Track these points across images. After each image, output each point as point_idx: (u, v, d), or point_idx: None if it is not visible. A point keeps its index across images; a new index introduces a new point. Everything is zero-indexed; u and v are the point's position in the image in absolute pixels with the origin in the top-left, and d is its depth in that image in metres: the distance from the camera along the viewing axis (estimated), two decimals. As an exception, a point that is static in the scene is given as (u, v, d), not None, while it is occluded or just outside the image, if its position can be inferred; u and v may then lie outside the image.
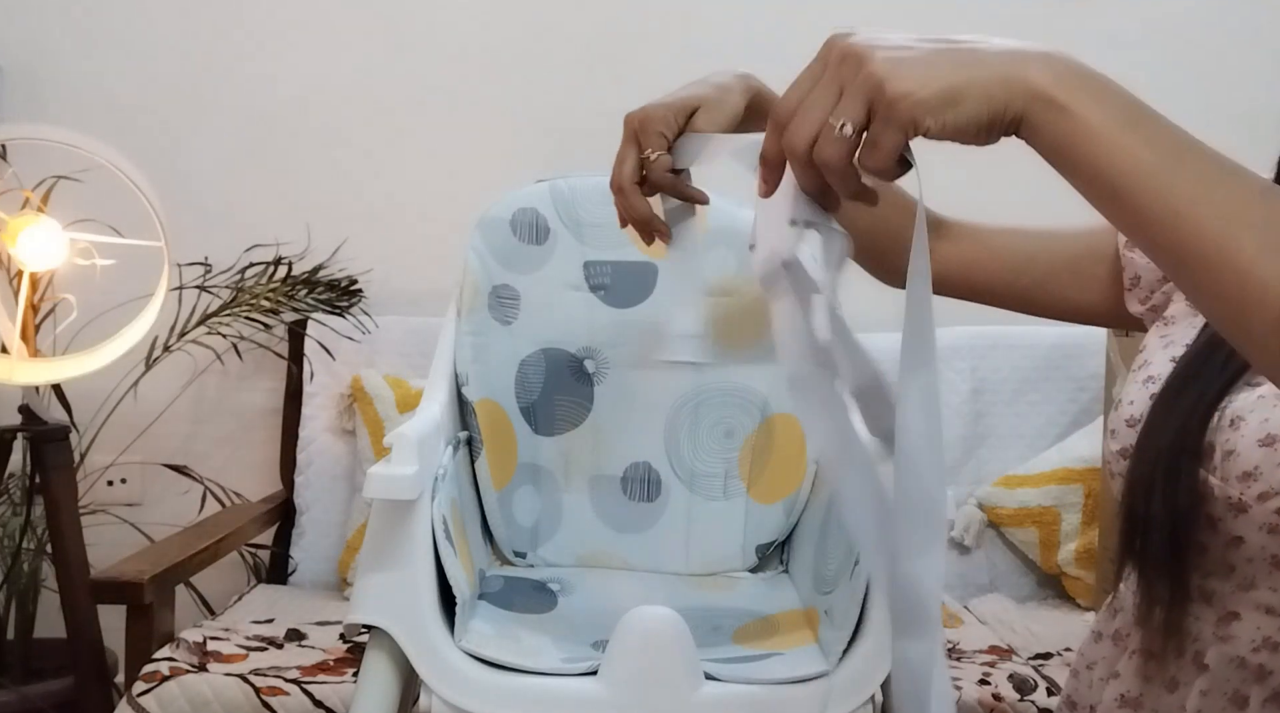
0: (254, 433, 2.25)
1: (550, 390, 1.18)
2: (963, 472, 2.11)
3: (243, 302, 2.11)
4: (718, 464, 1.19)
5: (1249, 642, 0.76)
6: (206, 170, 2.24)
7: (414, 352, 2.14)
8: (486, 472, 1.15)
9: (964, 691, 1.46)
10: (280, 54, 2.26)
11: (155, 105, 2.24)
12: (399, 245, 2.24)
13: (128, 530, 2.11)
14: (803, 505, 1.17)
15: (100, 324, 1.86)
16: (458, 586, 0.91)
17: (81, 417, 2.04)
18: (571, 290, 1.19)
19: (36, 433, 1.74)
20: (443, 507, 0.93)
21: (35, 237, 1.73)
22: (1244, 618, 0.76)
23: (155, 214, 1.68)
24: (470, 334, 1.15)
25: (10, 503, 2.02)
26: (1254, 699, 0.75)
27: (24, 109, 2.18)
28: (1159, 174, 0.53)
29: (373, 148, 2.27)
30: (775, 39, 2.29)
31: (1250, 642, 0.76)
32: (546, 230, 1.19)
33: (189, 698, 1.41)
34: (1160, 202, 0.53)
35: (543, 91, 2.25)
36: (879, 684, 0.89)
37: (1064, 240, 0.95)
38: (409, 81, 2.26)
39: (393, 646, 0.88)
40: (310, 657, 1.59)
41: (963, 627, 1.84)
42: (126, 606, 1.49)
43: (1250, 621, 0.76)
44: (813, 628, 1.00)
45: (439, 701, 0.87)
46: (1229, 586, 0.77)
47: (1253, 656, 0.75)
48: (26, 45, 2.21)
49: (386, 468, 0.87)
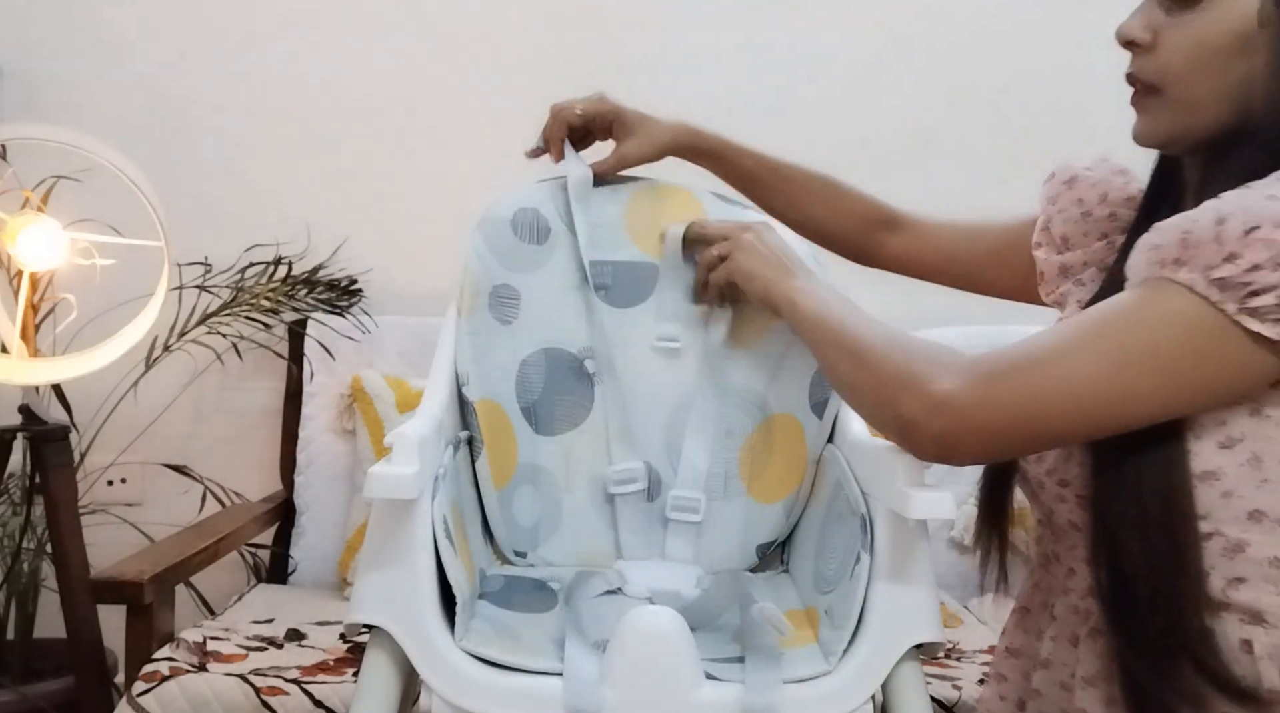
0: (254, 433, 2.25)
1: (551, 390, 1.18)
2: (963, 472, 2.10)
3: (243, 302, 2.11)
4: (718, 464, 1.19)
5: (1080, 591, 0.91)
6: (206, 170, 2.24)
7: (414, 352, 2.14)
8: (487, 471, 1.14)
9: (964, 691, 1.46)
10: (280, 54, 2.26)
11: (155, 105, 2.24)
12: (399, 245, 2.24)
13: (128, 531, 2.11)
14: (803, 505, 1.17)
15: (100, 324, 1.86)
16: (458, 585, 0.91)
17: (81, 417, 2.04)
18: (572, 290, 1.19)
19: (36, 433, 1.74)
20: (443, 506, 0.93)
21: (35, 237, 1.73)
22: (1077, 572, 0.91)
23: (155, 214, 1.68)
24: (470, 334, 1.15)
25: (10, 503, 2.02)
26: (1081, 637, 0.89)
27: (23, 109, 2.18)
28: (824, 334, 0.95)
29: (373, 148, 2.27)
30: (775, 40, 2.29)
31: (1080, 591, 0.91)
32: (547, 230, 1.19)
33: (189, 698, 1.41)
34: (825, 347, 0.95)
35: (543, 92, 2.24)
36: (879, 684, 0.89)
37: (990, 233, 1.15)
38: (409, 81, 2.26)
39: (393, 645, 0.88)
40: (310, 657, 1.59)
41: (962, 627, 1.84)
42: (126, 606, 1.49)
43: (1082, 574, 0.90)
44: (813, 628, 1.00)
45: (439, 700, 0.87)
46: (1063, 547, 0.93)
47: (1081, 602, 0.91)
48: (26, 45, 2.21)
49: (387, 468, 0.87)
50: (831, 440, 1.16)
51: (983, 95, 2.29)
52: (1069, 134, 2.20)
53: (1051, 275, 1.03)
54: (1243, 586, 0.79)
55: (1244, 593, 0.79)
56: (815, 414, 1.16)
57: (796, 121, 2.26)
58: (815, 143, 2.29)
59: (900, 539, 0.92)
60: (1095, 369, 0.76)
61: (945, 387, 0.78)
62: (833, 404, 1.16)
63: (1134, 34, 0.88)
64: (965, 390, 0.78)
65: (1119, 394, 0.76)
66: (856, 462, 1.06)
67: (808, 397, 1.17)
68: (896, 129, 2.30)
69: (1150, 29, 0.87)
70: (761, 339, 1.18)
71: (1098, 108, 2.13)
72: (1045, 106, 2.28)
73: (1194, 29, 0.84)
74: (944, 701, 1.44)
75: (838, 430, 1.16)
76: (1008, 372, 0.78)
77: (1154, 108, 0.88)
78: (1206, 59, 0.84)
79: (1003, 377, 0.78)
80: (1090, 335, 0.78)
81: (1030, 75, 2.29)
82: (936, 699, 1.42)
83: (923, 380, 0.79)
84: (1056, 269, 1.02)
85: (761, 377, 1.18)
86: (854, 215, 1.21)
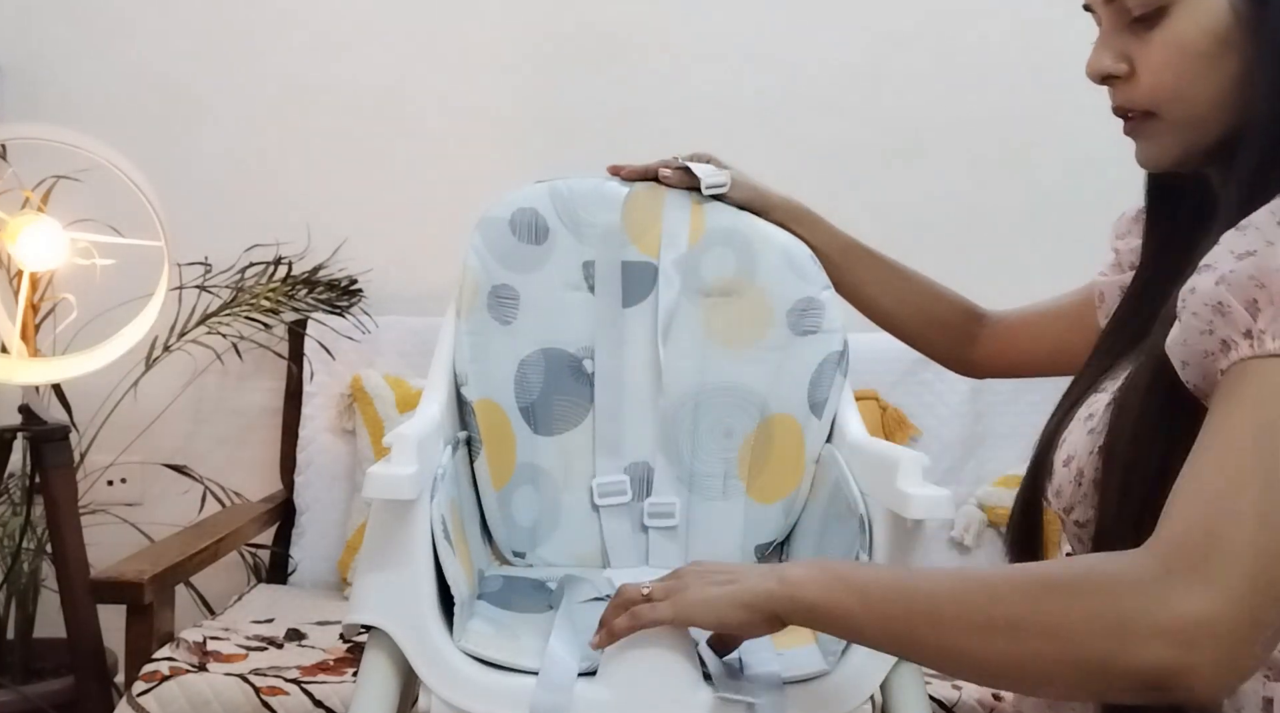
0: (254, 433, 2.25)
1: (550, 390, 1.18)
2: (963, 472, 2.11)
3: (243, 301, 2.11)
4: (717, 464, 1.19)
5: None
6: (206, 170, 2.24)
7: (414, 352, 2.14)
8: (486, 471, 1.15)
9: (964, 690, 1.46)
10: (280, 54, 2.26)
11: (155, 105, 2.24)
12: (399, 245, 2.24)
13: (128, 531, 2.11)
14: (802, 505, 1.17)
15: (100, 324, 1.86)
16: (456, 585, 0.91)
17: (81, 417, 2.04)
18: (571, 290, 1.19)
19: (36, 433, 1.74)
20: (442, 507, 0.93)
21: (35, 236, 1.73)
22: None
23: (155, 214, 1.68)
24: (470, 334, 1.15)
25: (10, 503, 2.02)
26: None
27: (23, 109, 2.18)
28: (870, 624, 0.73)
29: (373, 148, 2.27)
30: (775, 40, 2.29)
31: None
32: (546, 230, 1.19)
33: (189, 698, 1.41)
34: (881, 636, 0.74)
35: (543, 92, 2.25)
36: (879, 684, 0.89)
37: (1065, 306, 1.10)
38: (409, 81, 2.26)
39: (392, 646, 0.88)
40: (310, 657, 1.59)
41: (962, 627, 1.84)
42: (126, 605, 1.49)
43: None
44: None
45: (438, 701, 0.87)
46: None
47: None
48: (26, 45, 2.21)
49: (386, 468, 0.87)
50: (830, 440, 1.17)
51: (982, 96, 2.29)
52: (1070, 134, 2.20)
53: (1111, 295, 0.99)
54: None
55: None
56: (814, 414, 1.16)
57: (795, 121, 2.27)
58: (815, 142, 2.31)
59: (899, 539, 0.92)
60: None
61: (1182, 606, 0.62)
62: (831, 404, 1.16)
63: (1108, 68, 0.83)
64: (1203, 597, 0.62)
65: None
66: (855, 462, 1.06)
67: (807, 397, 1.17)
68: (896, 129, 2.30)
69: (1122, 57, 0.82)
70: (761, 339, 1.18)
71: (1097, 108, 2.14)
72: (1046, 106, 2.27)
73: (1170, 42, 0.79)
74: (944, 701, 1.44)
75: (836, 431, 1.16)
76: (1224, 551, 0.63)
77: (1154, 132, 0.83)
78: (1193, 68, 0.79)
79: (1221, 558, 0.63)
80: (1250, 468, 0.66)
81: (1031, 74, 2.29)
82: (936, 699, 1.42)
83: (1146, 611, 0.63)
84: (1117, 289, 0.98)
85: (761, 377, 1.18)
86: (924, 313, 1.18)
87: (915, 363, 2.10)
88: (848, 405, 1.16)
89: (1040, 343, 1.12)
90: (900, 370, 2.10)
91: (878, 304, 1.19)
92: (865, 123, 2.29)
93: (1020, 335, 1.14)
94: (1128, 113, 0.84)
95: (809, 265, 1.19)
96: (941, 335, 1.19)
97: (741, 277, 1.19)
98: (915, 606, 0.70)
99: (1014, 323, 1.16)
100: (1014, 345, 1.15)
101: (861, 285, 1.19)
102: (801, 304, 1.18)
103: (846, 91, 2.30)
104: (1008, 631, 0.66)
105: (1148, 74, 0.81)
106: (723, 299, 1.20)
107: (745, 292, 1.19)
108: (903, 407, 2.09)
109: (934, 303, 1.19)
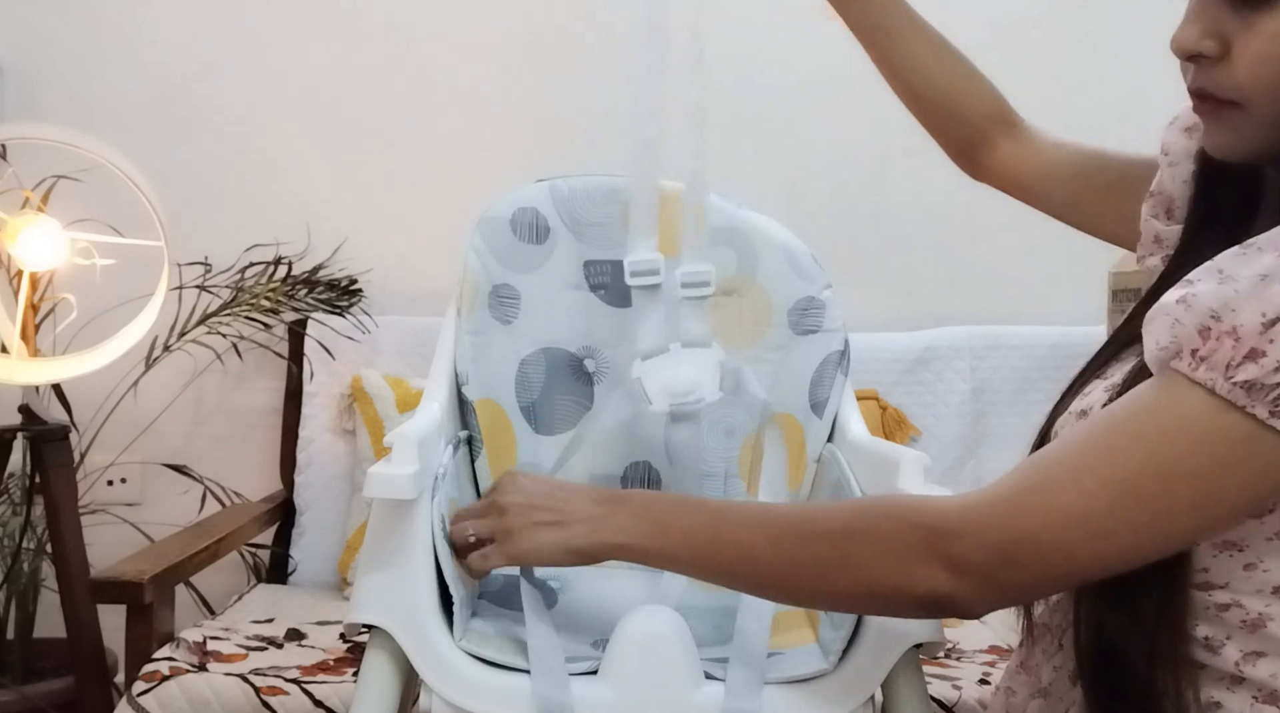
0: (254, 433, 2.25)
1: (550, 390, 1.18)
2: (963, 472, 2.11)
3: (243, 301, 2.11)
4: (718, 464, 1.19)
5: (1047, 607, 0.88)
6: (206, 170, 2.23)
7: (414, 352, 2.14)
8: (486, 471, 1.14)
9: (964, 690, 1.46)
10: (280, 54, 2.26)
11: (155, 105, 2.23)
12: (399, 245, 2.24)
13: (128, 530, 2.11)
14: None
15: (100, 324, 1.85)
16: (456, 585, 0.91)
17: (81, 416, 2.04)
18: (572, 290, 1.19)
19: (36, 433, 1.74)
20: (442, 506, 0.93)
21: (35, 236, 1.73)
22: None
23: (155, 214, 1.68)
24: (470, 333, 1.15)
25: (10, 503, 2.02)
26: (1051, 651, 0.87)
27: (23, 109, 2.18)
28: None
29: (373, 148, 2.27)
30: (775, 40, 2.29)
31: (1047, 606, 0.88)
32: (546, 230, 1.19)
33: (189, 698, 1.41)
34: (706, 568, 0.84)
35: (543, 92, 2.25)
36: (879, 684, 0.89)
37: (1108, 167, 1.02)
38: (409, 81, 2.26)
39: (393, 645, 0.88)
40: (310, 657, 1.59)
41: (962, 627, 1.84)
42: (126, 605, 1.49)
43: None
44: (813, 628, 1.00)
45: (439, 700, 0.87)
46: None
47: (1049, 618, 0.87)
48: (26, 45, 2.21)
49: (386, 467, 0.87)
50: (831, 440, 1.16)
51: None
52: (1070, 134, 2.19)
53: (1148, 240, 0.92)
54: (1260, 661, 0.72)
55: (1261, 669, 0.72)
56: (815, 414, 1.16)
57: (795, 121, 2.27)
58: (815, 142, 2.31)
59: (900, 539, 0.91)
60: (1116, 503, 0.69)
61: (958, 549, 0.73)
62: (832, 404, 1.16)
63: (1197, 46, 0.74)
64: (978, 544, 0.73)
65: (1149, 527, 0.69)
66: (856, 462, 1.06)
67: (807, 397, 1.17)
68: (896, 129, 2.29)
69: (1216, 36, 0.73)
70: (761, 339, 1.18)
71: (1099, 107, 2.14)
72: (1046, 106, 2.27)
73: (1277, 32, 0.71)
74: (944, 701, 1.44)
75: (837, 430, 1.16)
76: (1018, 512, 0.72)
77: (1234, 123, 0.75)
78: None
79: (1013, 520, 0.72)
80: (1106, 461, 0.70)
81: (1031, 75, 2.28)
82: (936, 699, 1.42)
83: (934, 542, 0.73)
84: (1153, 236, 0.91)
85: (762, 376, 1.18)
86: (975, 96, 1.09)
87: (915, 363, 2.10)
88: (849, 405, 1.16)
89: (1065, 176, 1.05)
90: (900, 370, 2.10)
91: (932, 78, 1.10)
92: (865, 123, 2.29)
93: (1054, 158, 1.07)
94: (1209, 98, 0.76)
95: (810, 265, 1.19)
96: (976, 112, 1.11)
97: (742, 276, 1.19)
98: (735, 550, 0.81)
99: (1046, 147, 1.08)
100: (1041, 159, 1.07)
101: (918, 59, 1.09)
102: (802, 303, 1.18)
103: (846, 92, 2.30)
104: (814, 569, 0.78)
105: (1245, 63, 0.72)
106: (723, 299, 1.20)
107: (746, 291, 1.19)
108: (903, 407, 2.09)
109: (981, 85, 1.10)
